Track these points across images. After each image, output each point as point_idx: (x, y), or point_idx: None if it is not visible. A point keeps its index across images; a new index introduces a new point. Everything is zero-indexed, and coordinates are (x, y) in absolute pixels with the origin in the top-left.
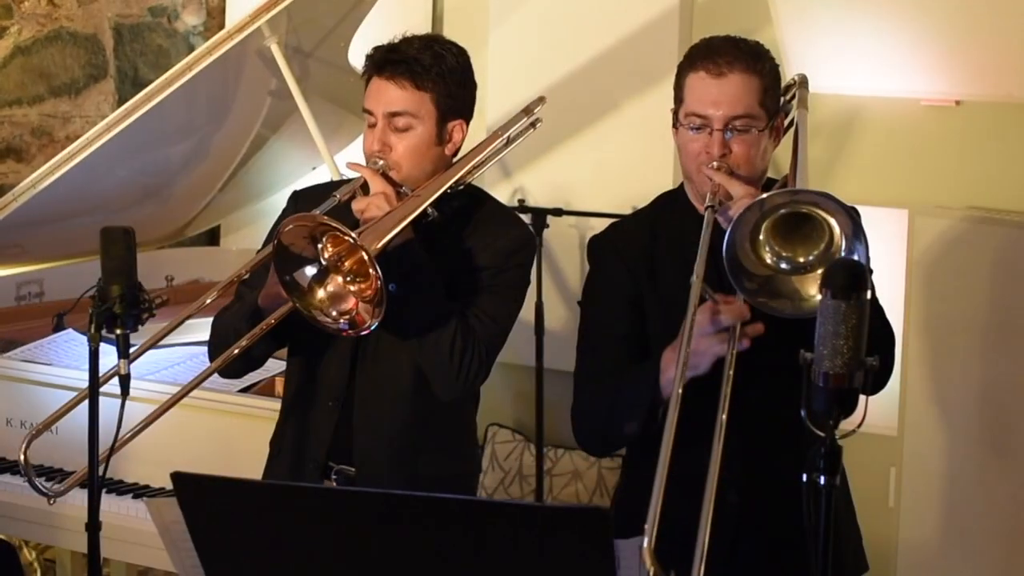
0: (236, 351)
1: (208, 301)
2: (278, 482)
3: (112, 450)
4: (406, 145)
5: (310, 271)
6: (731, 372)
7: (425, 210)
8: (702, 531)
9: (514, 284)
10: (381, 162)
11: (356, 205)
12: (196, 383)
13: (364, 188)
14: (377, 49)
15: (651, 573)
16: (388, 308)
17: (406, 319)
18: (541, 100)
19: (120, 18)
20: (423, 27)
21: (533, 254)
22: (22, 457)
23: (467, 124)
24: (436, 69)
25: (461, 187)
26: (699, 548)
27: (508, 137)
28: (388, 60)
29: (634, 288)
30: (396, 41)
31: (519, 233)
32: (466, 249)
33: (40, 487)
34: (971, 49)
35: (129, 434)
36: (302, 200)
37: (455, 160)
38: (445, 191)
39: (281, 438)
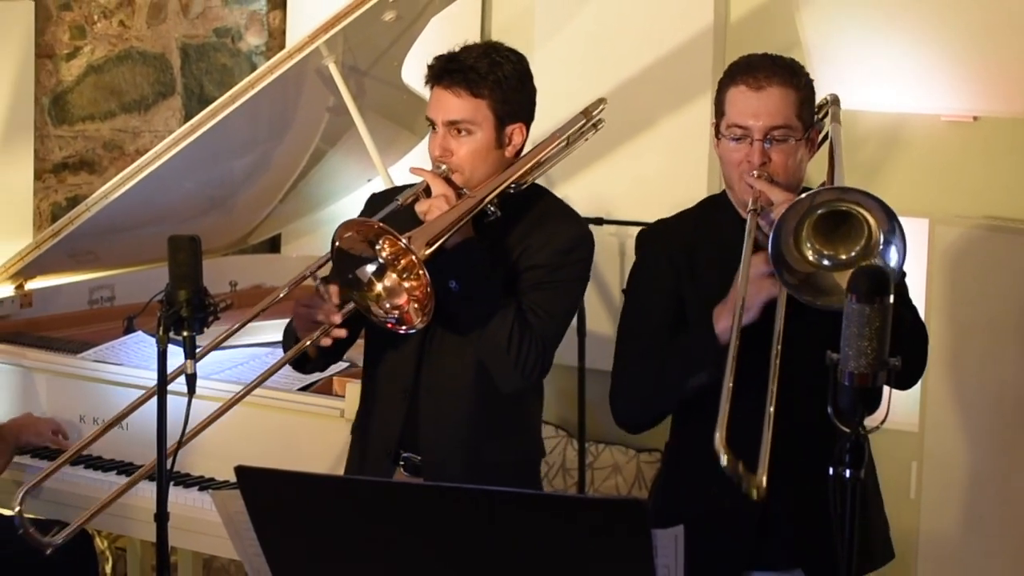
0: (285, 361)
1: (267, 307)
2: (334, 475)
3: (179, 445)
4: (466, 150)
5: (369, 268)
6: (782, 325)
7: (486, 209)
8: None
9: (571, 281)
10: (444, 166)
11: (419, 207)
12: (263, 378)
13: (427, 191)
14: (437, 59)
15: (725, 460)
16: (449, 304)
17: (467, 314)
18: (602, 102)
19: (187, 38)
20: None
21: (590, 251)
22: (16, 508)
23: (527, 127)
24: (492, 76)
25: (524, 186)
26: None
27: (568, 138)
28: (446, 69)
29: (675, 281)
30: (455, 50)
31: (576, 231)
32: (526, 247)
33: (36, 539)
34: (988, 68)
35: (196, 429)
36: (377, 202)
37: (516, 162)
38: (500, 191)
39: (359, 425)
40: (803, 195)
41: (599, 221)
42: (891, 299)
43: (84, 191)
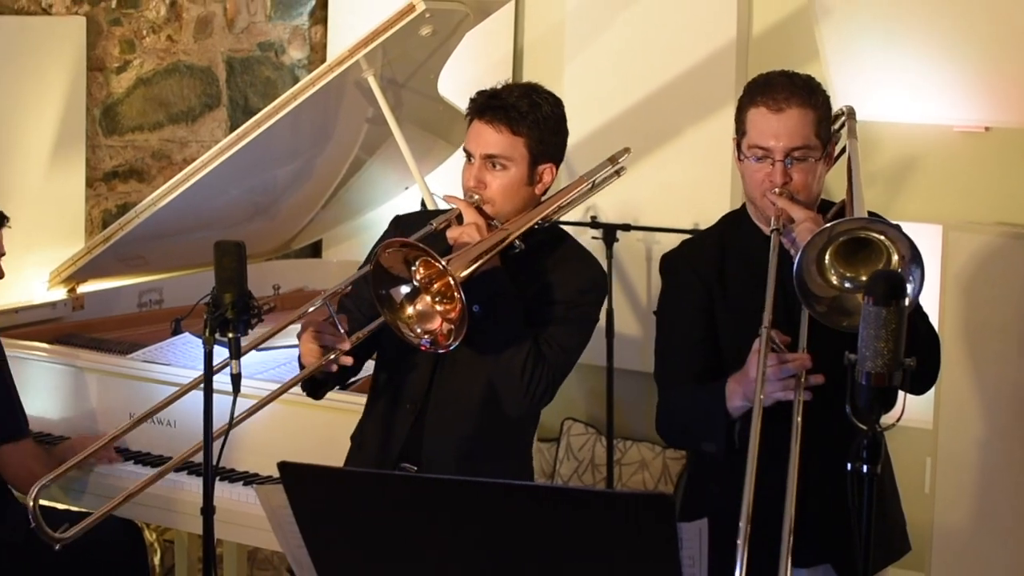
0: (292, 384)
1: (310, 310)
2: (373, 470)
3: (224, 440)
4: (500, 183)
5: (404, 289)
6: (799, 419)
7: (512, 242)
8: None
9: (584, 319)
10: (476, 197)
11: (450, 233)
12: (290, 385)
13: (459, 218)
14: (480, 94)
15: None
16: (471, 327)
17: (486, 338)
18: (626, 151)
19: (232, 52)
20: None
21: (604, 294)
22: (31, 504)
23: (557, 168)
24: (532, 116)
25: (547, 224)
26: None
27: (593, 182)
28: (489, 106)
29: (707, 298)
30: (498, 87)
31: (593, 274)
32: (546, 282)
33: (47, 533)
34: (998, 82)
35: (231, 424)
36: (402, 224)
37: (543, 199)
38: (531, 226)
39: (361, 433)
40: (824, 226)
41: (626, 228)
42: (906, 302)
43: (133, 199)
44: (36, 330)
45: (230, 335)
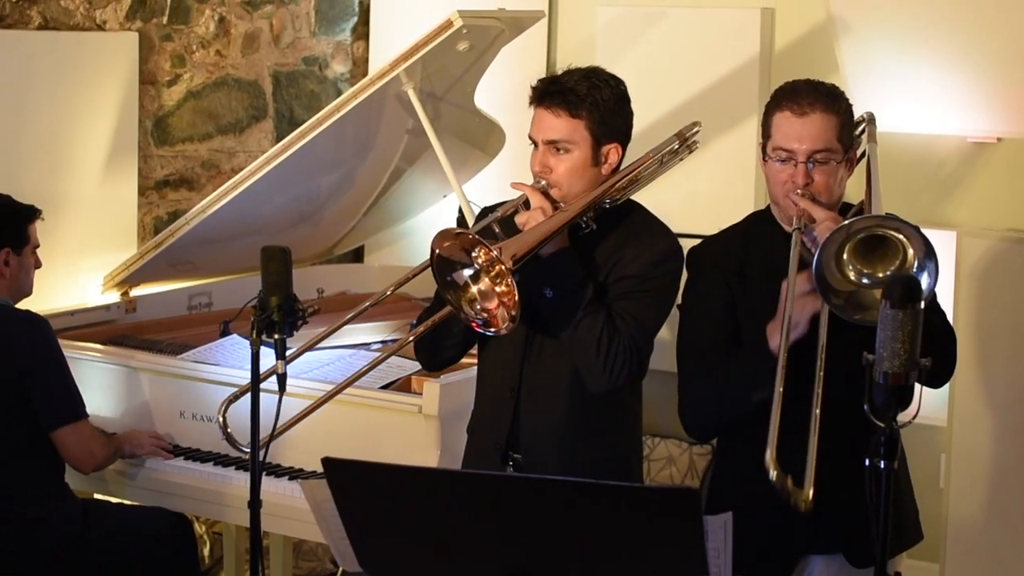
0: (434, 322)
1: (357, 315)
2: (412, 465)
3: (271, 437)
4: (565, 167)
5: (466, 272)
6: (824, 338)
7: (581, 222)
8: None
9: (661, 291)
10: (543, 181)
11: (518, 219)
12: (357, 377)
13: (526, 204)
14: (541, 80)
15: (774, 475)
16: (544, 310)
17: (562, 320)
18: (696, 125)
19: (278, 66)
20: (538, 75)
21: (681, 264)
22: (220, 419)
23: (623, 147)
24: (590, 99)
25: (618, 202)
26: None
27: (661, 158)
28: (548, 91)
29: (728, 293)
30: (558, 73)
31: (666, 245)
32: (619, 258)
33: (235, 443)
34: (1010, 95)
35: (289, 423)
36: (487, 213)
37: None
38: (593, 205)
39: (474, 424)
40: (843, 223)
41: None
42: (922, 305)
43: (183, 206)
44: (91, 331)
45: (276, 336)
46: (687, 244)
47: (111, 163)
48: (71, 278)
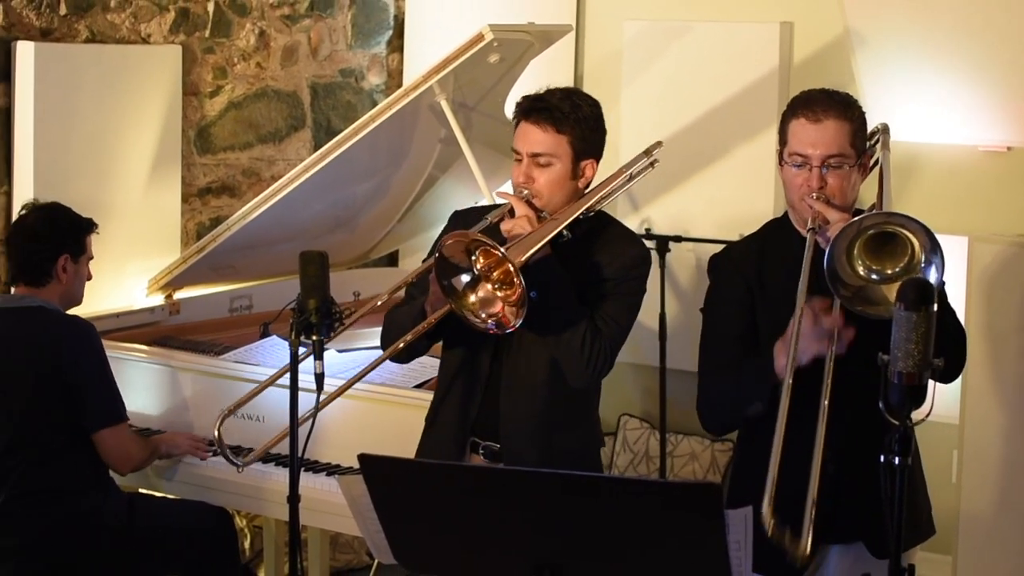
0: (401, 344)
1: (379, 303)
2: (446, 462)
3: (309, 433)
4: (546, 178)
5: (465, 278)
6: (831, 365)
7: (561, 232)
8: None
9: (632, 293)
10: (526, 191)
11: (504, 226)
12: (371, 368)
13: (511, 212)
14: (525, 98)
15: (770, 531)
16: (529, 311)
17: (544, 320)
18: (658, 144)
19: (316, 78)
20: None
21: (648, 268)
22: (216, 434)
23: (597, 163)
24: (573, 116)
25: (591, 213)
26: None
27: (630, 174)
28: (533, 108)
29: (748, 295)
30: (541, 92)
31: (638, 251)
32: (594, 263)
33: (230, 459)
34: (1019, 107)
35: (310, 414)
36: (460, 219)
37: (586, 191)
38: (578, 216)
39: (434, 414)
40: (853, 219)
41: (678, 239)
42: (935, 307)
43: (225, 212)
44: (136, 333)
45: (314, 338)
46: (710, 249)
47: (156, 171)
48: (117, 282)
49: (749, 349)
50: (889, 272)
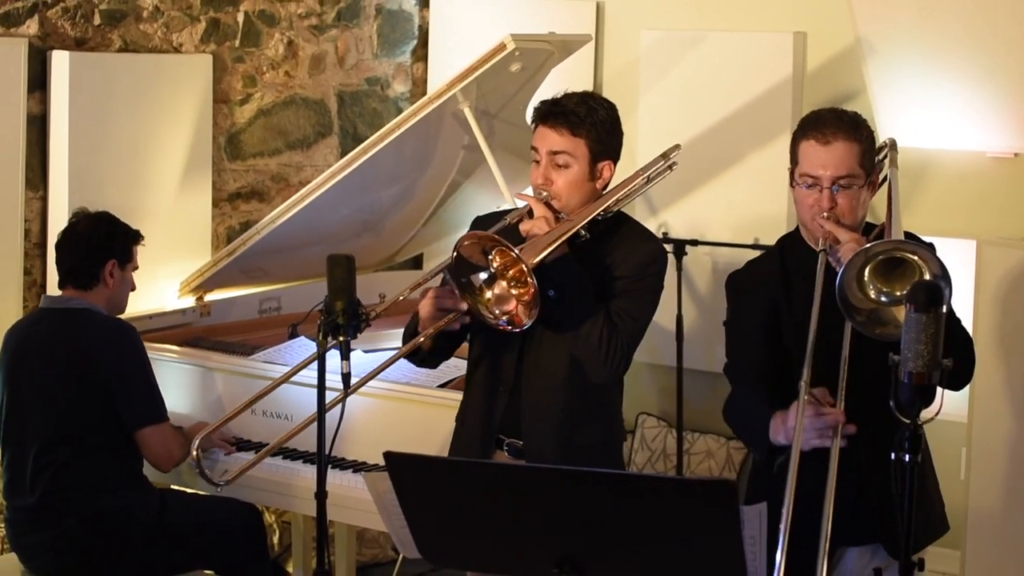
0: (403, 352)
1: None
2: (470, 459)
3: (336, 430)
4: (564, 180)
5: (483, 276)
6: (844, 381)
7: (578, 232)
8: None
9: (649, 289)
10: (545, 193)
11: (522, 226)
12: (386, 365)
13: (530, 213)
14: (543, 102)
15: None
16: (548, 309)
17: (563, 318)
18: (677, 147)
19: (343, 86)
20: None
21: (664, 264)
22: (194, 453)
23: (615, 164)
24: (589, 120)
25: (609, 214)
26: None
27: (648, 176)
28: (551, 112)
29: (773, 309)
30: (558, 96)
31: (653, 249)
32: (611, 261)
33: (208, 479)
34: None
35: (323, 410)
36: (481, 225)
37: (604, 192)
38: (594, 217)
39: (463, 413)
40: (860, 249)
41: (694, 243)
42: (944, 309)
43: (254, 217)
44: (168, 334)
45: (341, 338)
46: (725, 252)
47: (187, 177)
48: (150, 284)
49: (772, 359)
50: (899, 294)
